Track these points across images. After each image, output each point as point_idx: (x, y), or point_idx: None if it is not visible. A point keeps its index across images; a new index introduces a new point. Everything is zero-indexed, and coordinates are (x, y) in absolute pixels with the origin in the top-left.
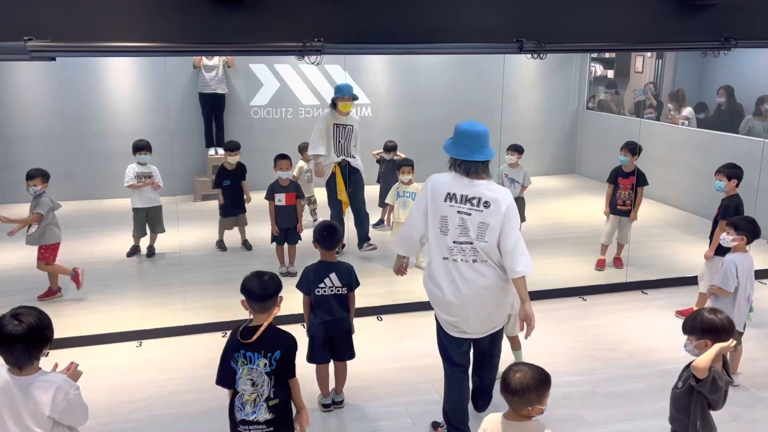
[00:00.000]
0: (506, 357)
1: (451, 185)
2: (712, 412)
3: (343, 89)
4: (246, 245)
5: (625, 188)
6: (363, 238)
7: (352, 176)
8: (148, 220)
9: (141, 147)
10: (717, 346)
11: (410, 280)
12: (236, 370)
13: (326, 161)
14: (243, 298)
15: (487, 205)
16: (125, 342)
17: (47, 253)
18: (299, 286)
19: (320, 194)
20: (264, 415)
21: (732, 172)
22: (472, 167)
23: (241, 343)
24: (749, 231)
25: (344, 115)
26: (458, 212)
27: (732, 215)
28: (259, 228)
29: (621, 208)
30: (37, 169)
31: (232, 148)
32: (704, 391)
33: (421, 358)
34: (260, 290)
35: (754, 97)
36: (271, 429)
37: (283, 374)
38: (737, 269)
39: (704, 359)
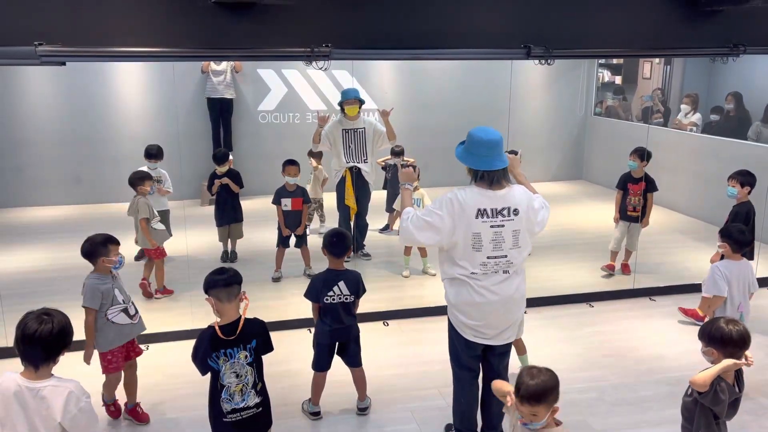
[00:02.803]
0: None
1: (479, 201)
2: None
3: (347, 92)
4: (231, 256)
5: (635, 194)
6: (359, 245)
7: (360, 187)
8: None
9: (152, 154)
10: (723, 363)
11: (417, 285)
12: (217, 368)
13: (337, 166)
14: (207, 296)
15: (516, 212)
16: None
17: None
18: (307, 294)
19: (327, 199)
20: (253, 399)
21: (745, 179)
22: (495, 176)
23: (219, 343)
24: (733, 239)
25: (352, 120)
26: (491, 227)
27: (742, 222)
28: (260, 233)
29: (631, 213)
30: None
31: (219, 159)
32: (705, 402)
33: (428, 364)
34: (222, 276)
35: (762, 103)
36: (260, 409)
37: (261, 360)
38: (724, 275)
39: (703, 375)
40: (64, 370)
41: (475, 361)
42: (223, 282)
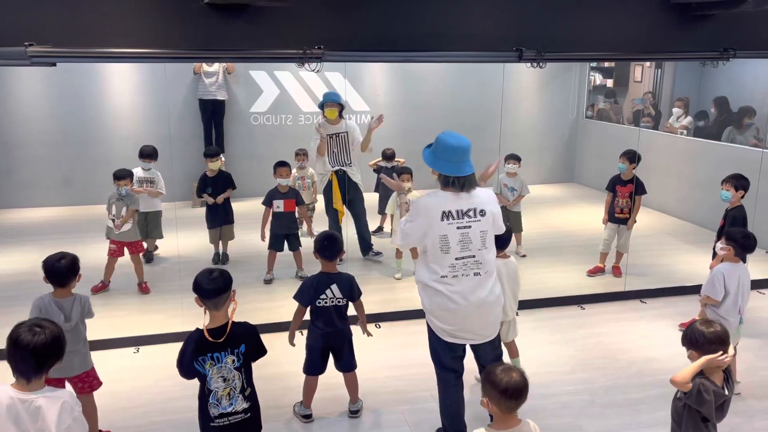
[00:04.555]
0: None
1: (443, 204)
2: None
3: (327, 95)
4: (222, 258)
5: (623, 196)
6: (367, 247)
7: (350, 190)
8: (147, 224)
9: (146, 154)
10: (703, 359)
11: (409, 287)
12: (203, 372)
13: (323, 170)
14: (196, 296)
15: (483, 213)
16: (123, 348)
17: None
18: (297, 296)
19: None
20: (241, 404)
21: (740, 183)
22: (466, 181)
23: (206, 346)
24: (738, 243)
25: (334, 124)
26: (458, 228)
27: (741, 227)
28: (258, 235)
29: (619, 216)
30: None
31: (210, 154)
32: (690, 402)
33: (419, 366)
34: (210, 286)
35: (754, 107)
36: (249, 415)
37: (250, 365)
38: (725, 279)
39: (681, 373)
40: None
41: (457, 362)
42: (211, 293)
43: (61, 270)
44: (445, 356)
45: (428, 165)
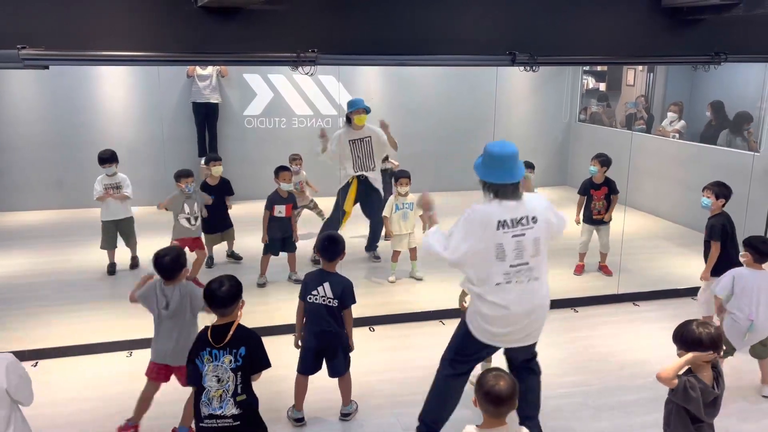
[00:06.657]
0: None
1: (498, 213)
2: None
3: (355, 102)
4: (234, 256)
5: (599, 199)
6: (372, 246)
7: (370, 194)
8: (121, 233)
9: (105, 159)
10: (689, 356)
11: (403, 290)
12: (201, 367)
13: (345, 173)
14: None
15: (535, 220)
16: (115, 352)
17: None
18: (300, 291)
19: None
20: (231, 409)
21: (720, 190)
22: (500, 189)
23: (208, 342)
24: (754, 249)
25: (359, 129)
26: (513, 236)
27: (719, 235)
28: (248, 238)
29: (597, 217)
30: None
31: (214, 159)
32: (676, 400)
33: (413, 370)
34: (219, 296)
35: (744, 111)
36: (238, 423)
37: (249, 371)
38: (734, 281)
39: (666, 369)
40: None
41: (475, 364)
42: (220, 303)
43: (166, 265)
44: (471, 357)
45: (480, 176)
